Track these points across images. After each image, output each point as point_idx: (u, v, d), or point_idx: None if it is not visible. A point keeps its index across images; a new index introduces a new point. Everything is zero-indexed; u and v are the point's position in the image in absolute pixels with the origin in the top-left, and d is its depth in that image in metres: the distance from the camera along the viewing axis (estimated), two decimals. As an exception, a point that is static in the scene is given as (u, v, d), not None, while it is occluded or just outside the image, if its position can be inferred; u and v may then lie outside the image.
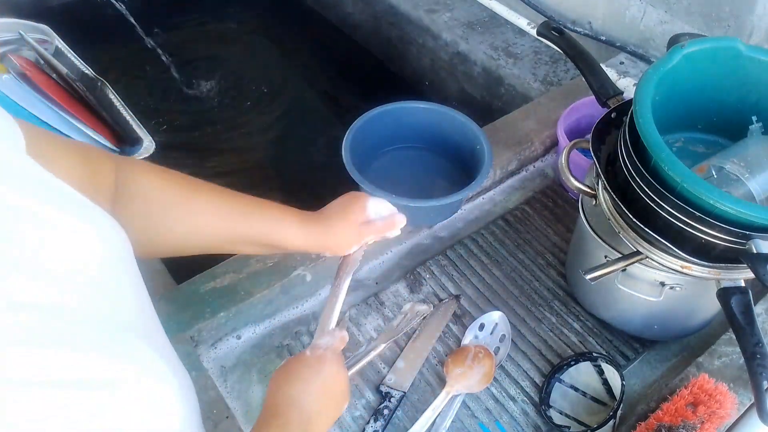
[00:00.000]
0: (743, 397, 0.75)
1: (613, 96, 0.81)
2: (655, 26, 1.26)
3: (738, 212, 0.61)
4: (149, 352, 0.37)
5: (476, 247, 1.03)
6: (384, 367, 0.88)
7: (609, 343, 0.91)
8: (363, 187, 0.96)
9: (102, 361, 0.33)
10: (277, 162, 1.74)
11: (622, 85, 1.25)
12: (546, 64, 1.43)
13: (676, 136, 0.84)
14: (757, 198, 0.73)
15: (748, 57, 0.74)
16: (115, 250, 0.40)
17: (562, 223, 1.07)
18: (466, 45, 1.53)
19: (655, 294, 0.78)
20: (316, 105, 1.93)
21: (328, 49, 2.08)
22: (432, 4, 1.64)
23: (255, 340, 0.91)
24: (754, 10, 1.08)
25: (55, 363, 0.30)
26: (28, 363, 0.29)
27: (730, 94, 0.78)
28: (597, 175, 0.77)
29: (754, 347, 0.63)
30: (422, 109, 1.10)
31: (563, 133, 1.07)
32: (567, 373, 0.86)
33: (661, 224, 0.68)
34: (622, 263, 0.74)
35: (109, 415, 0.32)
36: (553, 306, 0.95)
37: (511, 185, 1.16)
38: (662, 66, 0.72)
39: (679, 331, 0.88)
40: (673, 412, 0.71)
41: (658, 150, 0.64)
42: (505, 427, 0.82)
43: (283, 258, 0.95)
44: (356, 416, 0.84)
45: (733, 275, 0.69)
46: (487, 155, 1.01)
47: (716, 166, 0.75)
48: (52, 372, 0.30)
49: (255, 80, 1.93)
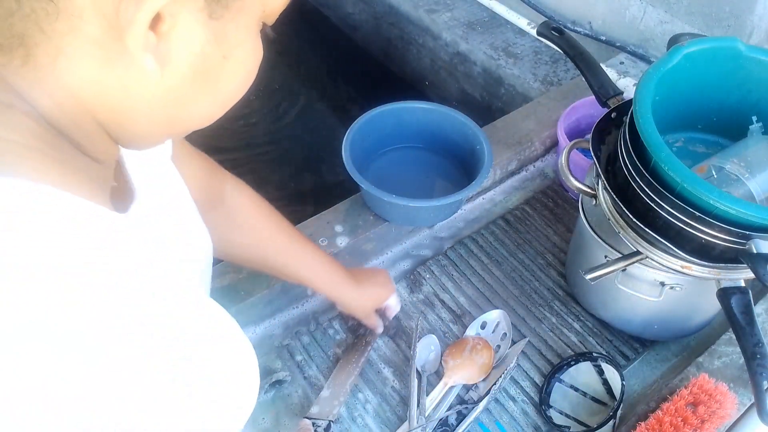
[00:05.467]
0: (743, 397, 0.75)
1: (613, 96, 0.81)
2: (655, 26, 1.26)
3: (738, 212, 0.61)
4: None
5: (476, 247, 1.03)
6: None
7: (609, 343, 0.91)
8: (363, 187, 0.96)
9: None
10: (277, 162, 1.74)
11: (622, 85, 1.25)
12: (546, 64, 1.43)
13: (676, 136, 0.84)
14: (757, 198, 0.73)
15: (748, 57, 0.74)
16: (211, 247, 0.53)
17: (562, 223, 1.07)
18: (466, 45, 1.53)
19: (655, 294, 0.78)
20: (316, 105, 1.93)
21: (328, 49, 2.08)
22: (432, 4, 1.64)
23: (255, 340, 0.91)
24: (754, 10, 1.08)
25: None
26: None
27: (730, 94, 0.78)
28: (597, 175, 0.77)
29: (754, 347, 0.63)
30: (422, 109, 1.10)
31: (563, 133, 1.07)
32: (567, 373, 0.86)
33: (661, 224, 0.68)
34: (622, 263, 0.74)
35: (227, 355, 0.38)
36: (553, 306, 0.95)
37: (511, 185, 1.16)
38: (662, 66, 0.72)
39: (679, 331, 0.88)
40: (673, 412, 0.71)
41: (658, 150, 0.64)
42: (505, 427, 0.82)
43: (283, 258, 0.95)
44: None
45: (733, 275, 0.69)
46: (487, 155, 1.01)
47: (716, 166, 0.75)
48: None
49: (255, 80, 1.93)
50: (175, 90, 0.33)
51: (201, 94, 0.35)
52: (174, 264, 0.43)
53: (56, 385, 0.26)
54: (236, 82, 0.37)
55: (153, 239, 0.40)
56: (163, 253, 0.42)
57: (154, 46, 0.31)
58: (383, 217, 1.02)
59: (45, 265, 0.28)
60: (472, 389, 0.86)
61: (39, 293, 0.27)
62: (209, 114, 0.38)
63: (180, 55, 0.32)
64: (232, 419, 0.37)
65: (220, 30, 0.33)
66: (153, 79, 0.32)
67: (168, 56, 0.32)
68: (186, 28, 0.31)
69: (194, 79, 0.34)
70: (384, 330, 0.90)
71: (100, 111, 0.33)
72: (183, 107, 0.35)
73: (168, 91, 0.33)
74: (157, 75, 0.32)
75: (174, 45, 0.31)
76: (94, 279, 0.30)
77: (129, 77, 0.32)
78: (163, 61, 0.32)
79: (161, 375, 0.31)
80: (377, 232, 1.01)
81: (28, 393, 0.25)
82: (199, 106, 0.36)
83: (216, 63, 0.34)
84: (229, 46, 0.34)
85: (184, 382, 0.32)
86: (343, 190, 1.14)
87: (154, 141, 0.39)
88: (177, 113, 0.35)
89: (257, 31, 0.36)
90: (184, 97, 0.34)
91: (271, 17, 0.37)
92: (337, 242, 0.98)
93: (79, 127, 0.33)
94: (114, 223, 0.33)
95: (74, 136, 0.33)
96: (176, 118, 0.36)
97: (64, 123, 0.32)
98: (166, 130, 0.37)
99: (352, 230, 1.00)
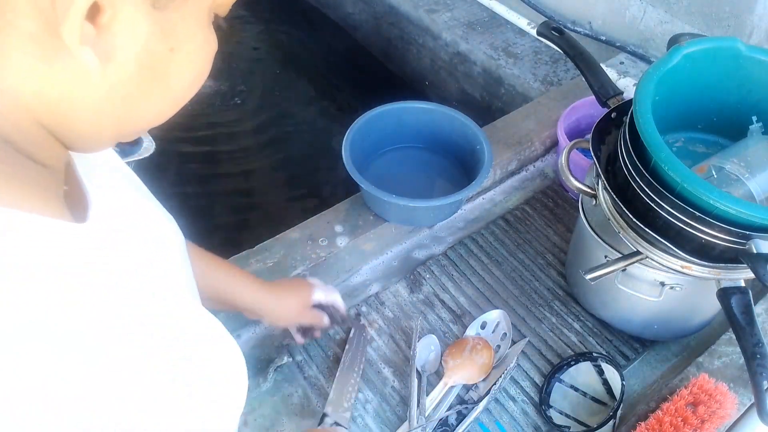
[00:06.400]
0: (743, 397, 0.75)
1: (613, 96, 0.81)
2: (655, 26, 1.26)
3: (738, 212, 0.61)
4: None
5: (476, 247, 1.03)
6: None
7: (609, 343, 0.91)
8: (363, 186, 0.96)
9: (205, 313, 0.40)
10: (277, 162, 1.74)
11: (622, 85, 1.25)
12: (546, 64, 1.43)
13: (676, 136, 0.84)
14: (757, 198, 0.73)
15: (748, 57, 0.74)
16: (182, 240, 0.50)
17: (562, 223, 1.07)
18: (466, 45, 1.53)
19: (655, 294, 0.78)
20: (316, 105, 1.93)
21: (328, 49, 2.08)
22: (432, 4, 1.64)
23: (255, 340, 0.92)
24: (754, 10, 1.08)
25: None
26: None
27: (730, 94, 0.78)
28: (597, 175, 0.77)
29: (754, 347, 0.63)
30: (422, 109, 1.10)
31: (563, 133, 1.07)
32: (567, 373, 0.86)
33: (661, 224, 0.68)
34: (622, 263, 0.74)
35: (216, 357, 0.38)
36: (553, 306, 0.95)
37: (511, 185, 1.16)
38: (662, 66, 0.72)
39: (679, 331, 0.88)
40: (673, 412, 0.71)
41: (658, 150, 0.64)
42: (505, 427, 0.82)
43: (283, 258, 0.95)
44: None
45: (733, 275, 0.69)
46: (487, 155, 1.01)
47: (716, 166, 0.75)
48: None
49: (255, 80, 1.93)
50: (121, 87, 0.32)
51: (149, 91, 0.33)
52: (159, 264, 0.42)
53: (56, 385, 0.26)
54: (187, 78, 0.35)
55: (120, 243, 0.38)
56: (150, 255, 0.41)
57: (94, 39, 0.29)
58: (383, 217, 1.02)
59: (45, 265, 0.28)
60: (472, 389, 0.86)
61: (39, 293, 0.27)
62: (160, 112, 0.35)
63: (123, 49, 0.30)
64: (231, 419, 0.37)
65: (166, 21, 0.31)
66: (94, 76, 0.30)
67: (111, 51, 0.30)
68: (128, 19, 0.29)
69: (141, 74, 0.32)
70: (334, 321, 0.87)
71: (42, 113, 0.31)
72: (130, 105, 0.33)
73: (112, 89, 0.31)
74: (98, 70, 0.30)
75: (116, 38, 0.29)
76: (94, 279, 0.30)
77: (68, 74, 0.30)
78: (106, 56, 0.30)
79: (161, 375, 0.31)
80: (377, 232, 1.01)
81: (28, 393, 0.25)
82: (148, 104, 0.34)
83: (163, 57, 0.32)
84: (177, 39, 0.32)
85: (184, 382, 0.32)
86: (343, 190, 1.14)
87: (102, 142, 0.36)
88: (125, 112, 0.33)
89: (208, 23, 0.34)
90: (130, 95, 0.32)
91: (223, 8, 0.35)
92: (337, 242, 0.98)
93: (22, 132, 0.31)
94: (73, 234, 0.31)
95: (18, 142, 0.31)
96: (124, 117, 0.34)
97: (5, 129, 0.30)
98: (115, 130, 0.35)
99: (352, 230, 1.00)
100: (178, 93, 0.35)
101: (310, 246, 0.97)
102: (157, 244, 0.43)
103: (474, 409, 0.81)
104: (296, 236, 0.99)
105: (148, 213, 0.45)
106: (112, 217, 0.38)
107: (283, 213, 1.59)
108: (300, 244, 0.97)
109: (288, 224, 1.01)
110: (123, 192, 0.43)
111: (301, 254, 0.96)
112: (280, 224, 1.02)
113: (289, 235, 0.99)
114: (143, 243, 0.40)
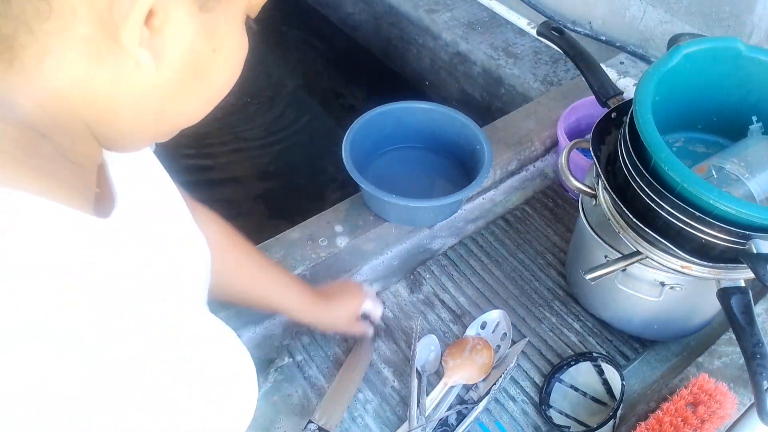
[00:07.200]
0: (743, 397, 0.75)
1: (613, 96, 0.81)
2: (655, 26, 1.26)
3: (738, 212, 0.61)
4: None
5: (476, 247, 1.03)
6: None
7: (609, 343, 0.91)
8: (363, 186, 0.96)
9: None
10: (277, 162, 1.74)
11: (622, 85, 1.25)
12: (546, 64, 1.43)
13: (676, 136, 0.83)
14: (757, 198, 0.73)
15: (748, 57, 0.74)
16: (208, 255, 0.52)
17: (562, 223, 1.07)
18: (466, 45, 1.53)
19: (655, 294, 0.78)
20: (316, 105, 1.93)
21: (328, 49, 2.08)
22: (432, 4, 1.64)
23: (255, 340, 0.92)
24: (754, 10, 1.08)
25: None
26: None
27: (730, 94, 0.78)
28: (597, 175, 0.76)
29: (754, 347, 0.63)
30: (422, 109, 1.10)
31: (563, 133, 1.07)
32: (567, 373, 0.86)
33: (661, 224, 0.68)
34: (622, 263, 0.74)
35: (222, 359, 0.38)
36: (553, 306, 0.95)
37: (511, 185, 1.16)
38: (662, 66, 0.72)
39: (679, 331, 0.88)
40: (673, 412, 0.71)
41: (658, 150, 0.64)
42: (505, 427, 0.82)
43: (283, 258, 0.95)
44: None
45: (733, 275, 0.69)
46: (487, 155, 1.01)
47: (716, 166, 0.75)
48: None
49: (255, 80, 1.93)
50: (166, 86, 0.33)
51: (191, 90, 0.35)
52: (170, 266, 0.43)
53: (56, 385, 0.26)
54: (224, 77, 0.36)
55: (138, 243, 0.39)
56: (154, 255, 0.41)
57: (148, 41, 0.30)
58: (383, 217, 1.02)
59: (45, 265, 0.28)
60: (472, 389, 0.86)
61: (39, 293, 0.27)
62: (196, 111, 0.37)
63: (172, 49, 0.32)
64: (233, 420, 0.37)
65: (211, 22, 0.33)
66: (148, 74, 0.32)
67: (161, 51, 0.31)
68: (178, 21, 0.31)
69: (185, 74, 0.33)
70: (375, 333, 0.90)
71: (87, 110, 0.33)
72: (172, 104, 0.35)
73: (158, 87, 0.33)
74: (152, 70, 0.32)
75: (167, 40, 0.31)
76: (94, 279, 0.30)
77: (120, 74, 0.32)
78: (157, 56, 0.31)
79: (161, 375, 0.31)
80: (377, 232, 1.01)
81: (28, 393, 0.25)
82: (188, 102, 0.36)
83: (207, 57, 0.34)
84: (219, 39, 0.34)
85: (184, 382, 0.32)
86: (343, 190, 1.14)
87: (141, 140, 0.38)
88: (165, 110, 0.35)
89: (243, 24, 0.36)
90: (174, 93, 0.34)
91: (255, 8, 0.36)
92: (337, 242, 0.98)
93: (63, 129, 0.33)
94: (95, 227, 0.32)
95: (56, 138, 0.33)
96: (165, 115, 0.35)
97: (46, 125, 0.32)
98: (154, 128, 0.37)
99: (352, 230, 1.00)
100: (215, 92, 0.37)
101: (310, 246, 0.97)
102: (158, 244, 0.43)
103: (474, 409, 0.81)
104: (296, 236, 0.99)
105: (166, 213, 0.47)
106: (120, 218, 0.39)
107: (283, 213, 1.58)
108: (300, 244, 0.97)
109: (288, 224, 1.01)
110: (140, 190, 0.44)
111: (301, 254, 0.96)
112: (280, 224, 1.02)
113: (289, 235, 0.99)
114: (143, 243, 0.41)
